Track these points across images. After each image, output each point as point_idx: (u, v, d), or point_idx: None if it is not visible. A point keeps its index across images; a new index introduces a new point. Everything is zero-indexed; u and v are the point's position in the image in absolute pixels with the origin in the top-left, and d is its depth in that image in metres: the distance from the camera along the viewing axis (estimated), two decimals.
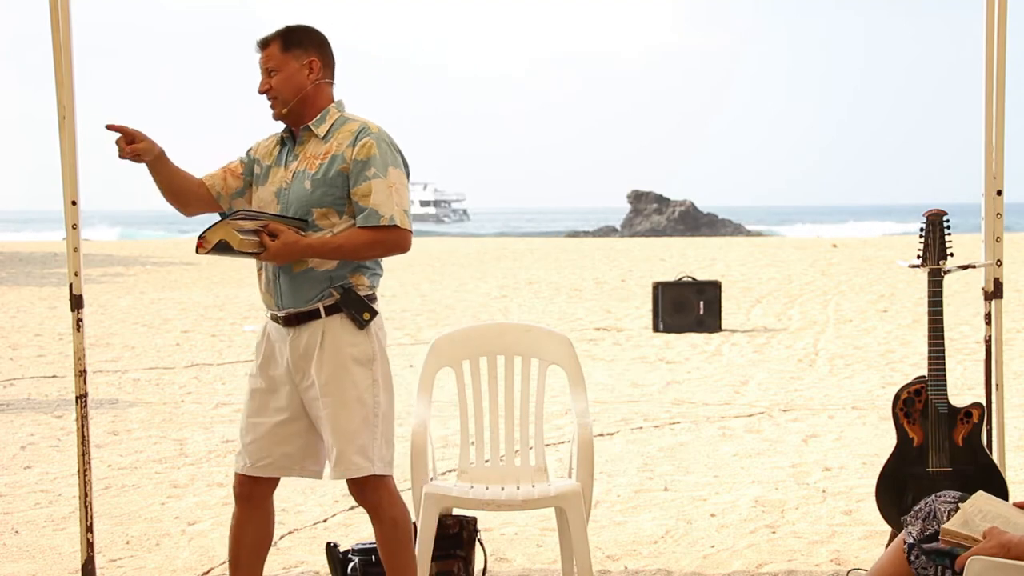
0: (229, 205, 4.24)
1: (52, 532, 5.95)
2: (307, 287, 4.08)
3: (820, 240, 39.42)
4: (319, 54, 4.14)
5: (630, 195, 60.98)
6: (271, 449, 4.17)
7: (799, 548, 5.55)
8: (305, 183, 4.08)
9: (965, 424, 4.84)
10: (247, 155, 4.29)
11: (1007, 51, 5.00)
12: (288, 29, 4.14)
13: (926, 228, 4.93)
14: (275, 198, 4.13)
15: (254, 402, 4.20)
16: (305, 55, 4.12)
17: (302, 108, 4.12)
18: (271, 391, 4.17)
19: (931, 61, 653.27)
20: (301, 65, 4.11)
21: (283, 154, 4.19)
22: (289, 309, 4.10)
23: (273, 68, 4.10)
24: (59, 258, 28.44)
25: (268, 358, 4.18)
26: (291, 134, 4.19)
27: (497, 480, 4.91)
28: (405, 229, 4.07)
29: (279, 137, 4.23)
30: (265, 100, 4.15)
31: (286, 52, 4.11)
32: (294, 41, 4.12)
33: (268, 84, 4.11)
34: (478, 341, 5.09)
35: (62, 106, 4.81)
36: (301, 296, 4.08)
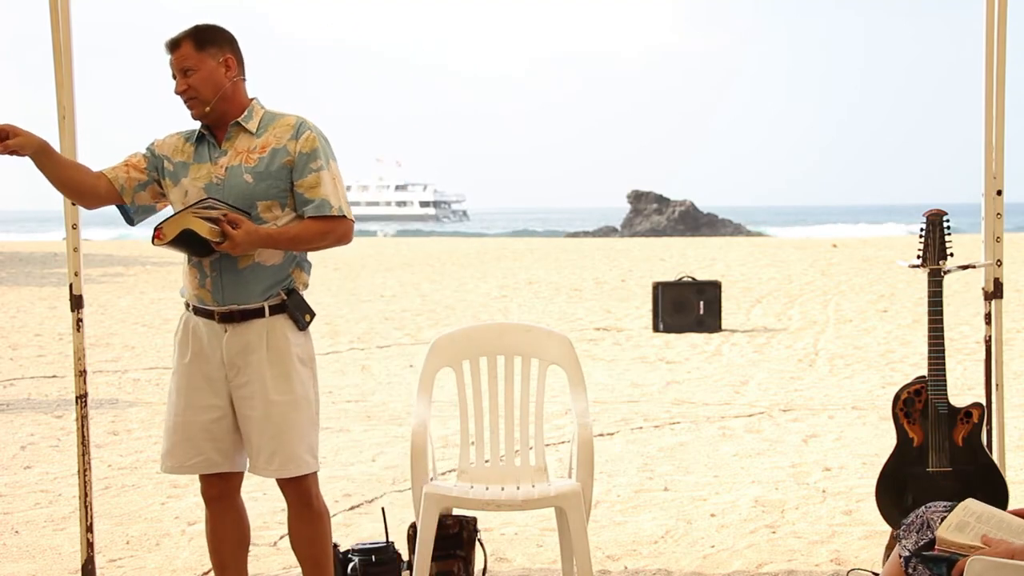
0: (132, 198, 4.19)
1: (52, 532, 5.95)
2: (253, 283, 4.08)
3: (821, 240, 39.42)
4: (232, 51, 4.13)
5: (630, 195, 60.97)
6: (202, 446, 4.14)
7: (799, 548, 5.55)
8: (245, 177, 4.07)
9: (965, 424, 4.83)
10: (149, 151, 4.22)
11: (1007, 51, 5.00)
12: (198, 28, 4.11)
13: (926, 228, 4.93)
14: (203, 192, 4.07)
15: (182, 400, 4.16)
16: (220, 53, 4.10)
17: (224, 105, 4.10)
18: (201, 388, 4.14)
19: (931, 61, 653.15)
20: (218, 63, 4.09)
21: (204, 150, 4.13)
22: (232, 306, 4.07)
23: (190, 68, 4.06)
24: (59, 258, 28.44)
25: (198, 355, 4.14)
26: (209, 131, 4.14)
27: (497, 480, 4.91)
28: (351, 220, 4.17)
29: (191, 134, 4.18)
30: (180, 101, 4.11)
31: (201, 51, 4.07)
32: (208, 39, 4.10)
33: (186, 84, 4.06)
34: (478, 341, 5.09)
35: (62, 106, 4.81)
36: (246, 293, 4.07)
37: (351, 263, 26.72)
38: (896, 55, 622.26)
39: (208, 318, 4.12)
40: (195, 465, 4.17)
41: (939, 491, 4.72)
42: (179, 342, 4.22)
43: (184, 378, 4.18)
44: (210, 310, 4.10)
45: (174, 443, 4.16)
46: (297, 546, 4.28)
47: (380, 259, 29.24)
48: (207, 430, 4.14)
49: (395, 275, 23.25)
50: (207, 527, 4.30)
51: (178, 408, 4.16)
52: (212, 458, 4.16)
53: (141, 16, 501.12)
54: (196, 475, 4.25)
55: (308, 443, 4.14)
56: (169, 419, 4.20)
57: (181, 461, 4.16)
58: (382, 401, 9.74)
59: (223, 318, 4.08)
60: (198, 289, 4.12)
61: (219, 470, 4.19)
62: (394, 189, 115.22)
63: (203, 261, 4.07)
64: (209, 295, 4.10)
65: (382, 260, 26.98)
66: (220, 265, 4.07)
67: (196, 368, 4.15)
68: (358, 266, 26.26)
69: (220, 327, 4.10)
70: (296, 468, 4.13)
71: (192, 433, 4.14)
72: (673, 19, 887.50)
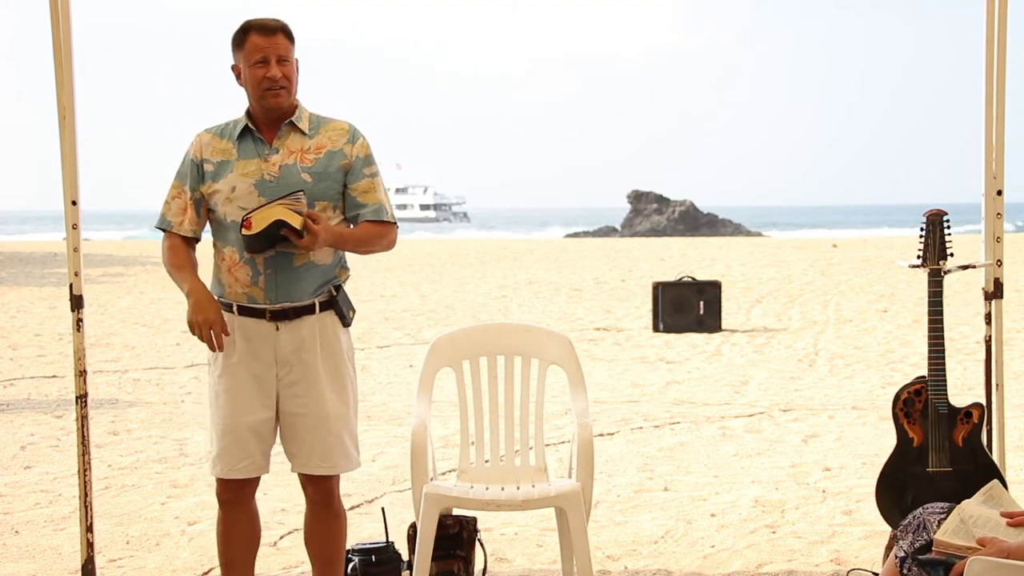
0: (202, 227, 4.21)
1: (52, 532, 5.95)
2: (307, 281, 4.09)
3: (821, 240, 39.43)
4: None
5: (630, 195, 60.97)
6: (250, 448, 4.11)
7: (799, 548, 5.55)
8: (303, 176, 4.07)
9: (965, 424, 4.83)
10: (187, 173, 4.14)
11: (1007, 51, 5.00)
12: (285, 22, 4.10)
13: (926, 228, 4.93)
14: (254, 189, 4.04)
15: (231, 401, 4.08)
16: (295, 51, 4.12)
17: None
18: (249, 389, 4.08)
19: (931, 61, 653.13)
20: (295, 59, 4.13)
21: (250, 146, 4.09)
22: (285, 303, 4.07)
23: (284, 57, 4.05)
24: (59, 258, 28.44)
25: (246, 355, 4.08)
26: (254, 127, 4.10)
27: (497, 480, 4.90)
28: (398, 226, 4.26)
29: (226, 131, 4.12)
30: (261, 87, 4.04)
31: (291, 44, 4.09)
32: (293, 36, 4.12)
33: (282, 71, 4.04)
34: (478, 341, 5.08)
35: (62, 106, 4.81)
36: (299, 290, 4.08)
37: (350, 263, 26.67)
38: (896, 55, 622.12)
39: (257, 317, 4.07)
40: (243, 468, 4.12)
41: (939, 491, 4.72)
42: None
43: (231, 379, 4.09)
44: (261, 308, 4.06)
45: (224, 446, 4.10)
46: (312, 544, 4.26)
47: (380, 259, 29.24)
48: (255, 431, 4.10)
49: (395, 275, 23.25)
50: (220, 528, 4.24)
51: (227, 410, 4.09)
52: (257, 461, 4.14)
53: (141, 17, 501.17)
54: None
55: (355, 439, 4.20)
56: (218, 422, 4.11)
57: (232, 464, 4.10)
58: (382, 401, 9.75)
59: (275, 316, 4.06)
60: (249, 287, 4.06)
61: (260, 473, 4.17)
62: (394, 192, 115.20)
63: (256, 258, 4.04)
64: (262, 292, 4.06)
65: (382, 260, 26.97)
66: (275, 263, 4.05)
67: (244, 368, 4.08)
68: (358, 266, 26.24)
69: (270, 325, 4.06)
70: (347, 464, 4.17)
71: (241, 435, 4.09)
72: (673, 19, 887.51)
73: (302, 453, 4.13)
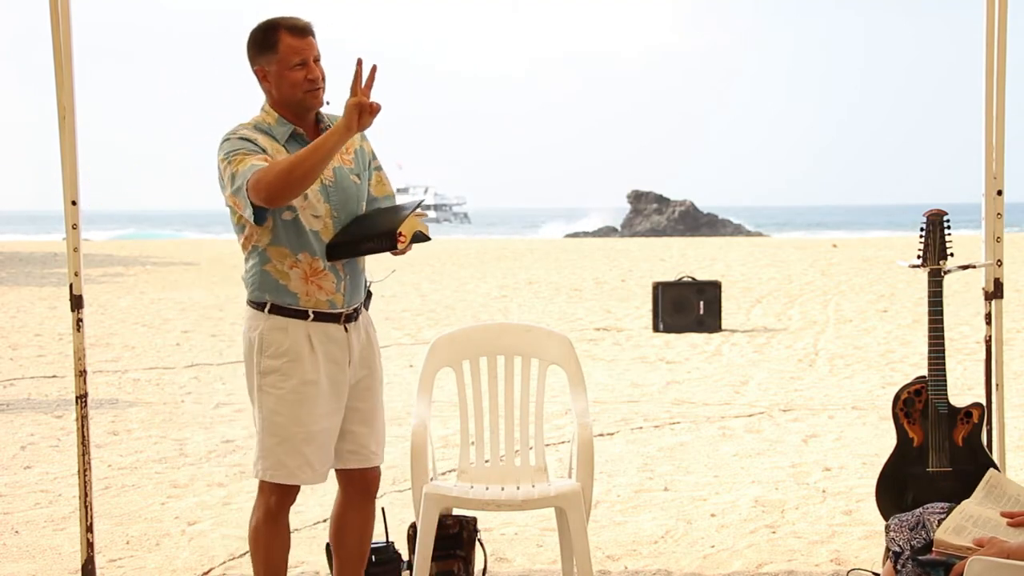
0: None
1: (52, 532, 5.95)
2: (361, 284, 4.18)
3: (821, 240, 39.43)
4: None
5: (630, 195, 60.98)
6: (329, 453, 4.11)
7: (799, 548, 5.55)
8: (352, 178, 4.11)
9: (965, 424, 4.83)
10: (261, 151, 3.99)
11: (1007, 51, 5.00)
12: (310, 20, 4.08)
13: (926, 228, 4.93)
14: (320, 195, 4.01)
15: (316, 409, 4.02)
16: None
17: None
18: (327, 395, 4.05)
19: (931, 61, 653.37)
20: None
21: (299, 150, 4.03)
22: (355, 305, 4.13)
23: (317, 56, 4.04)
24: (59, 258, 28.45)
25: (327, 361, 4.04)
26: (295, 133, 4.06)
27: (497, 480, 4.90)
28: None
29: (277, 132, 4.03)
30: (304, 87, 4.00)
31: (317, 45, 4.08)
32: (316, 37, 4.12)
33: (319, 71, 4.03)
34: (478, 341, 5.08)
35: (62, 106, 4.81)
36: (359, 293, 4.16)
37: None
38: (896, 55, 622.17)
39: (332, 321, 4.05)
40: (324, 473, 4.11)
41: (939, 491, 4.72)
42: (289, 351, 4.00)
43: (312, 387, 4.01)
44: (338, 313, 4.06)
45: (311, 452, 4.03)
46: (348, 539, 4.25)
47: (380, 259, 29.20)
48: (331, 434, 4.10)
49: (395, 275, 23.26)
50: (273, 540, 4.10)
51: (313, 417, 4.01)
52: (330, 461, 4.14)
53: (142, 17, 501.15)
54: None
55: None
56: (299, 429, 4.00)
57: (318, 470, 4.08)
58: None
59: (347, 319, 4.09)
60: (332, 294, 4.04)
61: (325, 477, 4.16)
62: (395, 192, 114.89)
63: (338, 264, 4.05)
64: (342, 298, 4.07)
65: (382, 260, 26.99)
66: (349, 267, 4.09)
67: (324, 374, 4.04)
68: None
69: (340, 328, 4.07)
70: (383, 452, 4.26)
71: (325, 441, 4.07)
72: (673, 19, 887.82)
73: (358, 445, 4.16)
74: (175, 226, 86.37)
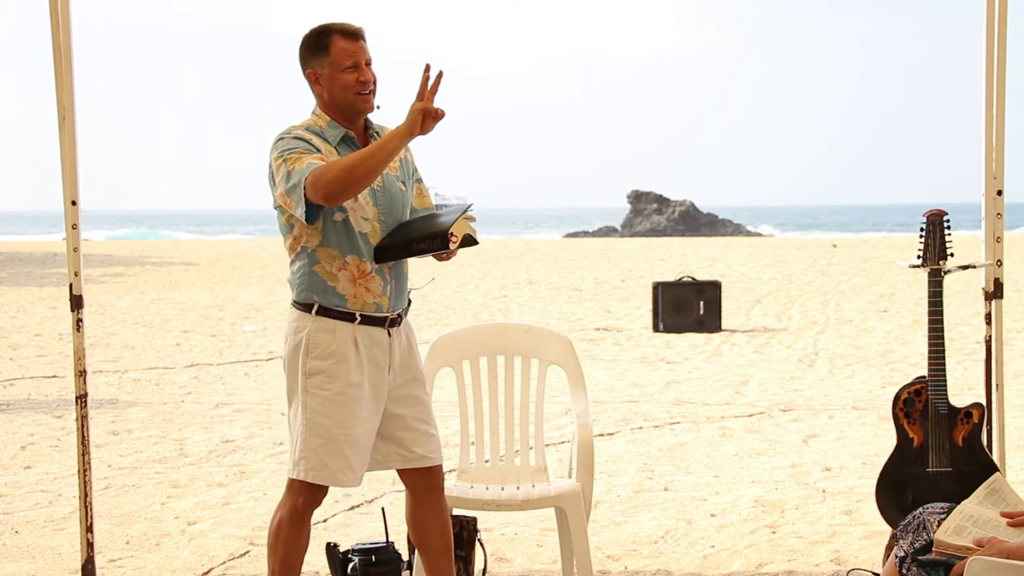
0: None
1: (52, 532, 5.95)
2: (405, 289, 4.19)
3: (821, 240, 39.44)
4: None
5: (630, 195, 60.91)
6: (367, 454, 4.12)
7: (799, 548, 5.55)
8: (399, 184, 4.14)
9: (965, 424, 4.83)
10: (312, 149, 4.00)
11: (1007, 51, 5.00)
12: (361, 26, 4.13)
13: (926, 228, 4.93)
14: (370, 198, 4.04)
15: (359, 411, 4.03)
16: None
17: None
18: (370, 398, 4.07)
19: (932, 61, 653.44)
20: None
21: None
22: (399, 309, 4.14)
23: (369, 60, 4.07)
24: (59, 258, 28.45)
25: (371, 364, 4.05)
26: (347, 136, 4.08)
27: (497, 480, 4.91)
28: None
29: (327, 134, 4.04)
30: (357, 91, 4.03)
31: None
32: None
33: (371, 75, 4.06)
34: (478, 341, 5.09)
35: (62, 106, 4.81)
36: (403, 297, 4.18)
37: None
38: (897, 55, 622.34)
39: (377, 325, 4.07)
40: (360, 477, 4.13)
41: (939, 491, 4.72)
42: (336, 352, 4.01)
43: (356, 389, 4.03)
44: (383, 316, 4.07)
45: (353, 455, 4.04)
46: (430, 535, 4.26)
47: (420, 267, 29.20)
48: (370, 436, 4.11)
49: None
50: (296, 540, 4.11)
51: (356, 419, 4.02)
52: (365, 468, 4.14)
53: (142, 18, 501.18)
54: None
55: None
56: (342, 431, 4.01)
57: (358, 473, 4.09)
58: None
59: (392, 323, 4.10)
60: (380, 296, 4.07)
61: (360, 480, 4.17)
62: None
63: (384, 267, 4.07)
64: (388, 301, 4.09)
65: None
66: (395, 271, 4.11)
67: (368, 378, 4.06)
68: None
69: (384, 332, 4.08)
70: (439, 453, 4.27)
71: (365, 444, 4.08)
72: (675, 19, 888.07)
73: (411, 449, 4.17)
74: (173, 226, 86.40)
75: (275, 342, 13.54)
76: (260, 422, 8.79)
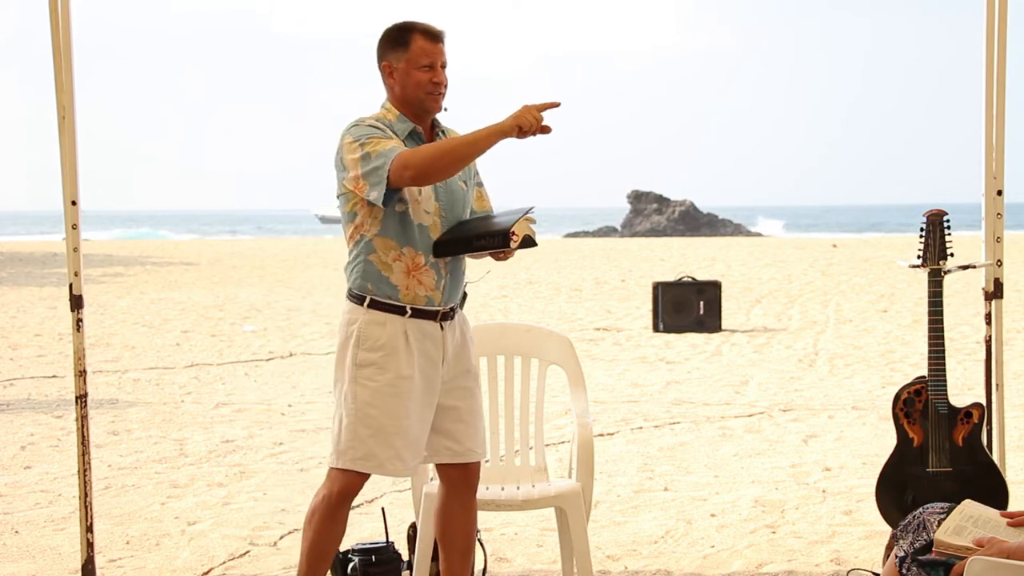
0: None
1: (52, 532, 5.95)
2: (460, 285, 4.23)
3: (821, 240, 39.44)
4: None
5: (630, 195, 60.89)
6: (421, 446, 4.16)
7: (799, 548, 5.55)
8: (459, 183, 4.19)
9: (965, 424, 4.83)
10: (388, 136, 4.06)
11: (1007, 51, 5.00)
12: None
13: (926, 228, 4.93)
14: (432, 193, 4.10)
15: (409, 403, 4.07)
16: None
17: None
18: (423, 390, 4.11)
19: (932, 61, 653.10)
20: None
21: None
22: (452, 304, 4.18)
23: (445, 64, 4.14)
24: (59, 258, 28.44)
25: (422, 357, 4.10)
26: (415, 131, 4.13)
27: (497, 480, 4.91)
28: None
29: (394, 130, 4.09)
30: (428, 91, 4.09)
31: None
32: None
33: (444, 78, 4.13)
34: (478, 341, 5.06)
35: (62, 106, 4.80)
36: (458, 291, 4.22)
37: None
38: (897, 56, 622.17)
39: (429, 319, 4.11)
40: (414, 467, 4.17)
41: (939, 491, 4.72)
42: (386, 345, 4.06)
43: (406, 381, 4.07)
44: (435, 310, 4.12)
45: (403, 446, 4.07)
46: (455, 532, 4.30)
47: (476, 262, 29.19)
48: (424, 428, 4.15)
49: None
50: (328, 528, 4.12)
51: (406, 411, 4.07)
52: (419, 459, 4.18)
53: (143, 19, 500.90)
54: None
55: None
56: (392, 422, 4.05)
57: (409, 463, 4.12)
58: None
59: (444, 316, 4.14)
60: (432, 290, 4.11)
61: (414, 471, 4.21)
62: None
63: (440, 262, 4.11)
64: (441, 295, 4.13)
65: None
66: (451, 266, 4.14)
67: (419, 370, 4.10)
68: None
69: (436, 326, 4.12)
70: (485, 448, 4.34)
71: (417, 435, 4.12)
72: (675, 19, 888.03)
73: (461, 441, 4.21)
74: (173, 226, 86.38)
75: (275, 342, 13.55)
76: (260, 422, 8.79)
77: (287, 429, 8.52)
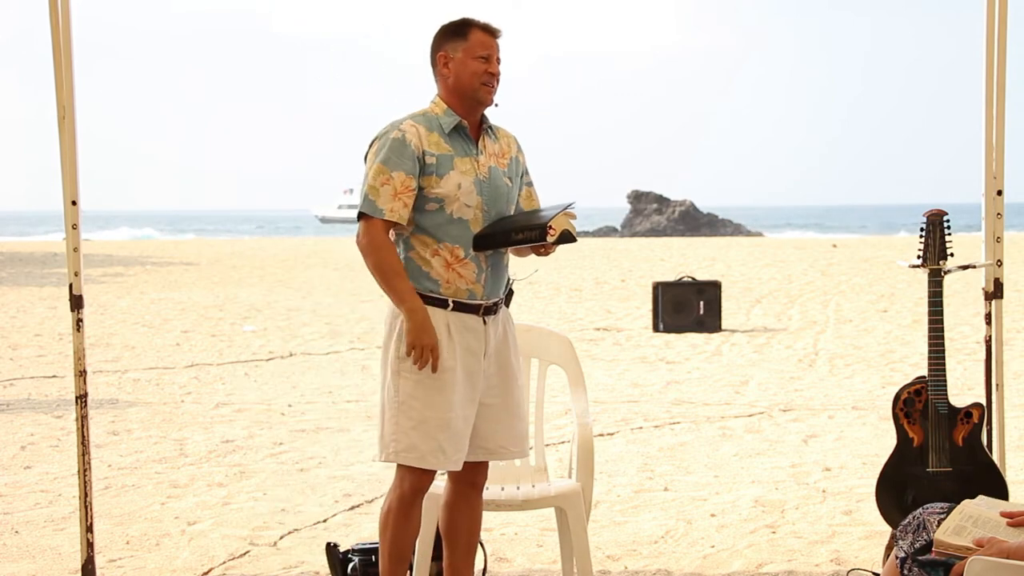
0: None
1: (52, 532, 5.95)
2: (503, 279, 4.25)
3: (821, 240, 39.44)
4: None
5: (630, 195, 60.91)
6: (465, 441, 4.16)
7: (799, 548, 5.55)
8: (505, 179, 4.22)
9: (965, 424, 4.83)
10: (407, 163, 4.06)
11: (1007, 51, 5.00)
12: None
13: (926, 228, 4.93)
14: (474, 187, 4.13)
15: (451, 396, 4.09)
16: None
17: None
18: (464, 383, 4.12)
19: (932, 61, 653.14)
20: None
21: (460, 144, 4.15)
22: (495, 298, 4.19)
23: (500, 59, 4.19)
24: (59, 258, 28.44)
25: (464, 350, 4.12)
26: (460, 125, 4.16)
27: (497, 480, 4.90)
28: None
29: (434, 123, 4.14)
30: (481, 83, 4.14)
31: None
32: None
33: (498, 71, 4.18)
34: None
35: (62, 106, 4.80)
36: (500, 286, 4.23)
37: (351, 263, 26.73)
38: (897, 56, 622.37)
39: (471, 312, 4.13)
40: (458, 461, 4.17)
41: (939, 491, 4.72)
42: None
43: (449, 373, 4.10)
44: (477, 304, 4.14)
45: (445, 439, 4.09)
46: (460, 529, 4.31)
47: (523, 260, 29.16)
48: (468, 422, 4.16)
49: None
50: (404, 525, 4.16)
51: (449, 403, 4.09)
52: (466, 449, 4.19)
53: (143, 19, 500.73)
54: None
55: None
56: (434, 414, 4.07)
57: (451, 456, 4.12)
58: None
59: (487, 311, 4.16)
60: (473, 283, 4.14)
61: (459, 464, 4.21)
62: None
63: (480, 255, 4.13)
64: (482, 289, 4.15)
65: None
66: (492, 260, 4.17)
67: (461, 363, 4.12)
68: (358, 266, 26.21)
69: (479, 320, 4.14)
70: (526, 448, 4.35)
71: (460, 428, 4.13)
72: (675, 19, 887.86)
73: (492, 439, 4.23)
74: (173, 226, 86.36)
75: (275, 342, 13.55)
76: (260, 422, 8.79)
77: (287, 429, 8.52)
